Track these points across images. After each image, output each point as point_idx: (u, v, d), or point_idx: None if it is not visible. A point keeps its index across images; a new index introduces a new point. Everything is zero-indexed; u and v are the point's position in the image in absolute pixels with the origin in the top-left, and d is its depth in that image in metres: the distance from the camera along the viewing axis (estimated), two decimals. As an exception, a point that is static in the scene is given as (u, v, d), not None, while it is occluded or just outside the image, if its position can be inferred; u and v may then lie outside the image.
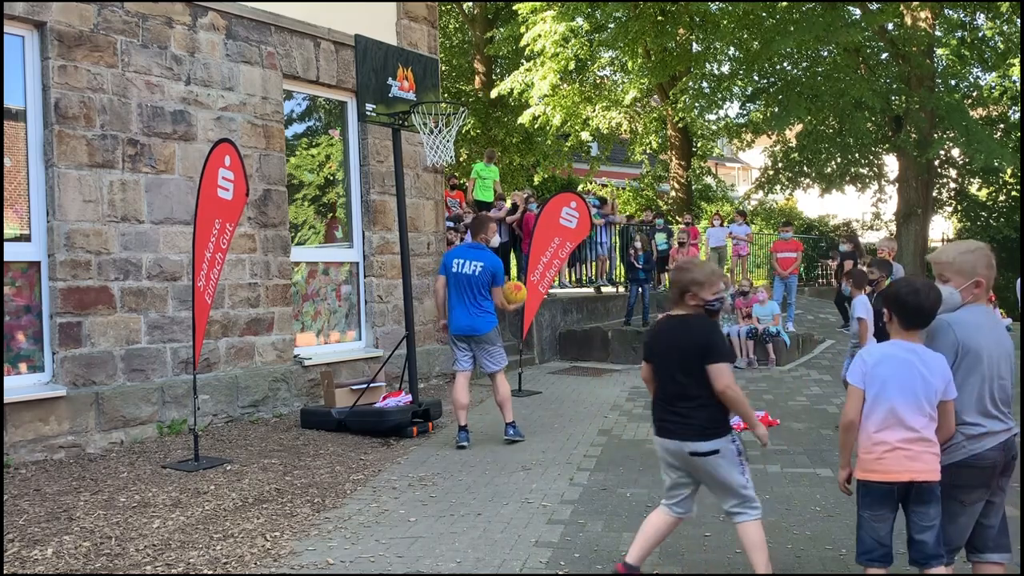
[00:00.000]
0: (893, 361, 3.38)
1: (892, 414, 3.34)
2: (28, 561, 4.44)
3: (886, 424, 3.36)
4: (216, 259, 6.61)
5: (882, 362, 3.40)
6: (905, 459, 3.33)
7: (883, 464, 3.38)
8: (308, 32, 8.82)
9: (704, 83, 21.42)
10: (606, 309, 13.88)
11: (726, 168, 43.72)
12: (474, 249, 7.18)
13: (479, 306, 7.05)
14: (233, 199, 6.66)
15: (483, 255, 7.13)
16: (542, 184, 25.57)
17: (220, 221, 6.60)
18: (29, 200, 6.83)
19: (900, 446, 3.34)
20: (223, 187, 6.59)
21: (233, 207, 6.68)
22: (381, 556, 4.52)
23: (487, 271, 7.05)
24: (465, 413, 7.13)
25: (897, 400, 3.34)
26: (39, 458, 6.52)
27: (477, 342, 7.10)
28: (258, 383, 8.20)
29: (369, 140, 9.52)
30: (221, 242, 6.63)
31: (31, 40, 6.81)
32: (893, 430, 3.35)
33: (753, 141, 23.39)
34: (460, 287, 7.06)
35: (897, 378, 3.35)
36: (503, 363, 7.22)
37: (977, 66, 21.96)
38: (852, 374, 3.48)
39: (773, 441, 7.23)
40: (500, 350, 7.20)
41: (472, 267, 7.05)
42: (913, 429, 3.32)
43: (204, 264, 6.53)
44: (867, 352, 3.50)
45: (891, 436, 3.35)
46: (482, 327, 7.06)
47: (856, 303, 7.51)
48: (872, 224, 26.95)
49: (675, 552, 4.52)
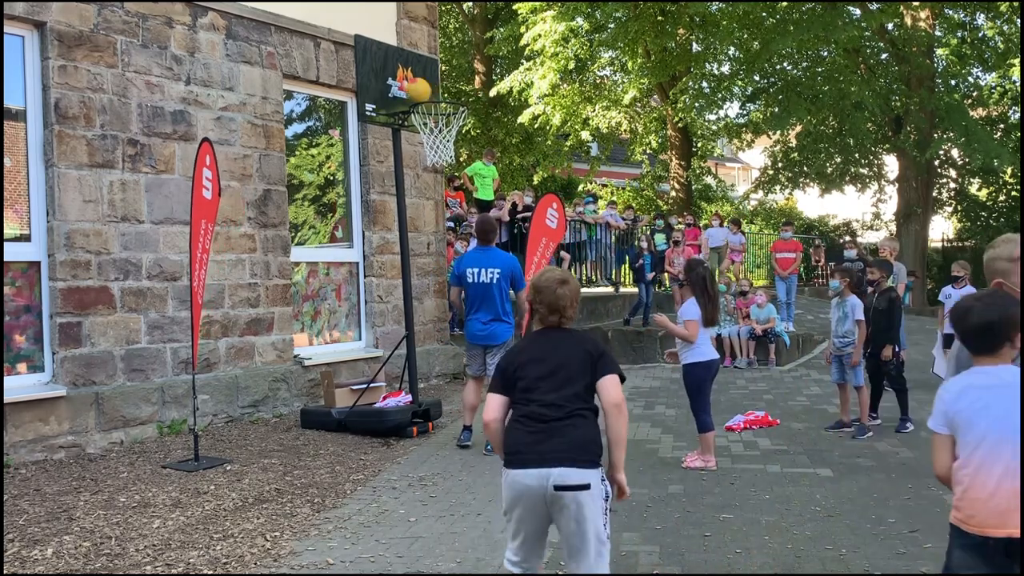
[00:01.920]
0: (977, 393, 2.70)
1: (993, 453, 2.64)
2: (28, 561, 4.44)
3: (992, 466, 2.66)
4: (202, 259, 6.62)
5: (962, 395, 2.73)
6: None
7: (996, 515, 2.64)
8: (308, 32, 8.82)
9: (704, 83, 21.41)
10: (606, 309, 13.88)
11: (726, 168, 43.71)
12: (486, 254, 6.99)
13: (500, 315, 6.87)
14: (212, 198, 6.64)
15: (496, 259, 6.95)
16: (542, 184, 25.56)
17: (205, 222, 6.60)
18: (29, 200, 6.83)
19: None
20: (205, 187, 6.58)
21: (211, 206, 6.67)
22: (381, 556, 4.52)
23: (505, 276, 6.85)
24: (472, 414, 7.06)
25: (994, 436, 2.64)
26: (39, 458, 6.52)
27: (491, 350, 6.96)
28: (258, 383, 8.20)
29: (369, 140, 9.52)
30: (206, 242, 6.65)
31: (31, 40, 6.81)
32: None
33: (753, 141, 23.39)
34: (479, 297, 6.86)
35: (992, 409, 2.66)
36: None
37: (977, 66, 21.95)
38: (933, 418, 2.81)
39: (773, 441, 7.24)
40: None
41: (489, 275, 6.85)
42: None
43: (196, 264, 6.57)
44: (944, 388, 2.84)
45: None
46: (500, 336, 6.90)
47: (856, 305, 7.47)
48: (872, 224, 26.96)
49: (675, 552, 4.52)
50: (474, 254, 7.15)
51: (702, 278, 6.37)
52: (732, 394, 9.59)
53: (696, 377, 6.39)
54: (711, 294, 6.34)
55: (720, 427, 7.70)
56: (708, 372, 6.42)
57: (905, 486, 5.76)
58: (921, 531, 4.81)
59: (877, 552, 4.49)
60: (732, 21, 19.71)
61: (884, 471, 6.18)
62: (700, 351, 6.36)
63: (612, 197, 25.48)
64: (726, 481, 5.94)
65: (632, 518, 5.10)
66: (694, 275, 6.41)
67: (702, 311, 6.30)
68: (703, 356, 6.37)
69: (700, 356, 6.36)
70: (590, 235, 14.40)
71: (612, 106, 22.31)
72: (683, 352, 6.44)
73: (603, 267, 15.01)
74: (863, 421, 7.47)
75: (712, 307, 6.34)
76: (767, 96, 21.23)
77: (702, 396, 6.40)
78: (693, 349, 6.35)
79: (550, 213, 10.31)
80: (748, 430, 7.70)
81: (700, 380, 6.39)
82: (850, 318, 7.46)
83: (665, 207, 23.92)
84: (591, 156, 26.31)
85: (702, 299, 6.31)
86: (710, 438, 6.38)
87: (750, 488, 5.76)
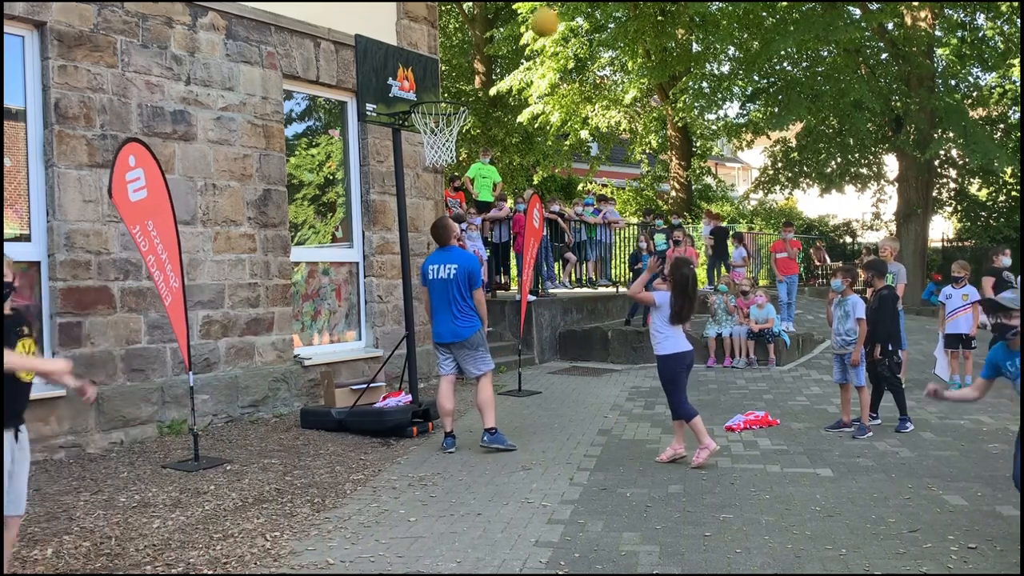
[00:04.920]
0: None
1: None
2: (28, 561, 4.44)
3: None
4: (163, 260, 6.38)
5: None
6: None
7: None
8: (308, 32, 8.82)
9: (704, 83, 21.43)
10: (606, 309, 13.88)
11: (726, 168, 43.71)
12: (445, 252, 7.02)
13: (460, 311, 6.88)
14: (150, 196, 6.33)
15: (455, 256, 6.97)
16: (542, 184, 25.57)
17: (152, 222, 6.33)
18: (29, 200, 6.83)
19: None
20: (134, 189, 6.26)
21: (155, 204, 6.36)
22: (381, 556, 4.52)
23: (462, 271, 6.88)
24: (451, 420, 7.01)
25: None
26: (39, 458, 6.51)
27: (460, 347, 6.93)
28: (258, 383, 8.20)
29: (369, 140, 9.52)
30: (168, 241, 6.40)
31: (31, 40, 6.81)
32: None
33: (753, 141, 23.40)
34: (439, 293, 6.91)
35: None
36: (489, 366, 7.01)
37: (977, 66, 21.95)
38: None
39: (773, 441, 7.24)
40: (484, 354, 6.99)
41: (447, 271, 6.89)
42: None
43: (154, 267, 6.33)
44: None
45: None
46: (464, 332, 6.88)
47: (856, 303, 7.47)
48: (872, 224, 26.97)
49: (675, 552, 4.52)
50: (435, 254, 7.11)
51: (685, 278, 6.36)
52: (732, 394, 9.59)
53: (670, 369, 6.42)
54: (689, 295, 6.36)
55: (720, 427, 7.71)
56: (681, 364, 6.44)
57: (905, 486, 5.76)
58: (921, 531, 4.81)
59: (877, 552, 4.49)
60: (732, 21, 19.73)
61: (884, 471, 6.18)
62: (673, 342, 6.39)
63: (611, 195, 25.44)
64: (726, 481, 5.94)
65: (632, 518, 5.10)
66: (678, 274, 6.39)
67: (673, 305, 6.32)
68: (676, 348, 6.40)
69: (673, 348, 6.39)
70: (590, 235, 14.39)
71: (612, 106, 22.32)
72: (657, 344, 6.46)
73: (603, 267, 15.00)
74: (864, 421, 7.47)
75: (686, 307, 6.34)
76: (767, 96, 21.23)
77: (677, 388, 6.43)
78: (666, 340, 6.39)
79: (535, 213, 10.49)
80: (748, 430, 7.70)
81: (674, 372, 6.42)
82: (851, 317, 7.46)
83: (665, 207, 23.92)
84: (591, 156, 26.32)
85: (679, 298, 6.33)
86: (699, 423, 6.41)
87: (750, 488, 5.76)
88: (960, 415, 8.29)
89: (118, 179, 6.20)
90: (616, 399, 9.31)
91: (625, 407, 8.80)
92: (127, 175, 6.25)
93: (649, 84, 21.36)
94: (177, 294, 6.48)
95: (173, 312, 6.48)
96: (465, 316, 6.89)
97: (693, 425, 6.39)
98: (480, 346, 6.95)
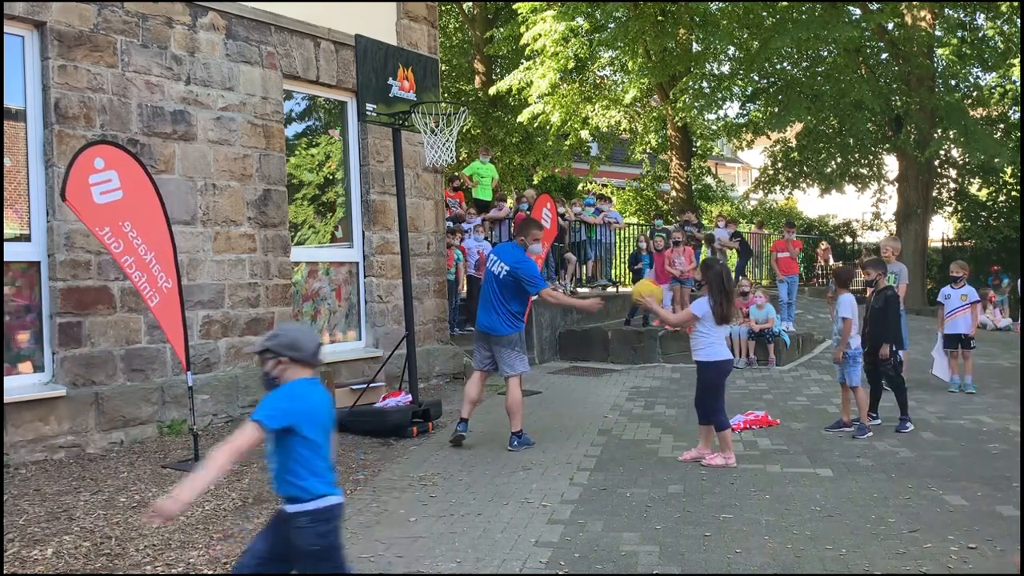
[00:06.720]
0: None
1: None
2: (28, 561, 4.44)
3: None
4: (146, 261, 6.28)
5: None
6: None
7: None
8: (308, 32, 8.82)
9: (704, 83, 21.40)
10: (606, 309, 13.85)
11: (726, 168, 43.70)
12: (510, 249, 7.08)
13: (501, 307, 6.91)
14: (127, 195, 6.20)
15: (514, 257, 6.97)
16: (542, 184, 25.56)
17: (129, 223, 6.20)
18: (29, 200, 6.83)
19: None
20: (105, 191, 6.11)
21: (133, 204, 6.24)
22: (381, 556, 4.52)
23: (510, 275, 6.89)
24: (470, 408, 7.08)
25: None
26: (39, 458, 6.52)
27: (496, 342, 6.97)
28: (258, 383, 8.18)
29: (369, 140, 9.52)
30: (152, 241, 6.30)
31: (31, 40, 6.81)
32: None
33: (753, 141, 23.39)
34: (488, 283, 7.02)
35: None
36: (520, 369, 6.99)
37: (977, 66, 21.95)
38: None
39: (773, 441, 7.24)
40: (518, 355, 6.98)
41: (500, 268, 6.95)
42: None
43: (132, 268, 6.22)
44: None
45: None
46: (499, 328, 6.92)
47: (843, 301, 7.49)
48: (872, 224, 26.96)
49: (675, 552, 4.52)
50: (503, 245, 7.34)
51: (719, 275, 6.40)
52: (732, 394, 9.55)
53: (711, 375, 6.45)
54: (727, 290, 6.37)
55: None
56: (723, 372, 6.49)
57: (905, 486, 5.76)
58: (921, 531, 4.81)
59: (877, 552, 4.49)
60: (732, 21, 19.71)
61: (884, 471, 6.18)
62: (715, 350, 6.43)
63: (611, 195, 25.41)
64: (726, 481, 5.94)
65: (632, 518, 5.10)
66: (711, 273, 6.44)
67: (715, 307, 6.33)
68: (717, 355, 6.44)
69: (715, 355, 6.43)
70: (590, 236, 14.39)
71: (612, 106, 22.31)
72: (699, 349, 6.47)
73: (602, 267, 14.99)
74: (863, 421, 7.47)
75: (727, 304, 6.36)
76: (767, 96, 21.22)
77: (716, 395, 6.46)
78: (707, 348, 6.41)
79: (545, 212, 10.46)
80: (748, 430, 7.70)
81: (714, 379, 6.45)
82: (839, 316, 7.54)
83: (665, 207, 23.90)
84: (591, 156, 26.30)
85: (718, 296, 6.33)
86: (728, 436, 6.44)
87: (750, 488, 5.76)
88: (960, 415, 8.29)
89: (77, 181, 5.99)
90: (616, 399, 9.31)
91: (625, 407, 8.80)
92: (91, 177, 6.05)
93: (649, 84, 21.34)
94: (170, 295, 6.39)
95: (160, 313, 6.39)
96: (504, 315, 6.93)
97: (723, 436, 6.41)
98: (515, 346, 6.97)
